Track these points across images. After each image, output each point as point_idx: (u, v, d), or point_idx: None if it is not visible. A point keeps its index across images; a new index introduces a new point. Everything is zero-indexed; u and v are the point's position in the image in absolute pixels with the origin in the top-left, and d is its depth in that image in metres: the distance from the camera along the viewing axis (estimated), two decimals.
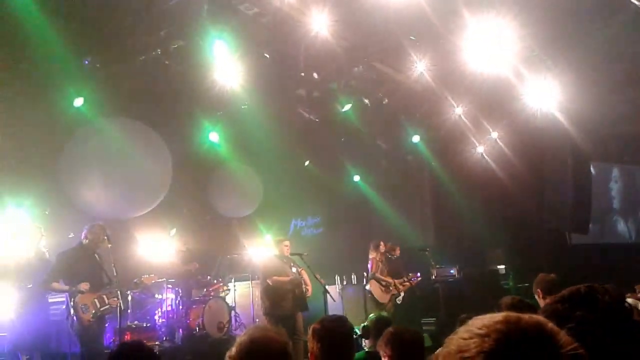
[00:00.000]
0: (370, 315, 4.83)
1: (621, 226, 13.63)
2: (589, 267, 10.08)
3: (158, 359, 2.07)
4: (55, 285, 6.34)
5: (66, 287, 6.26)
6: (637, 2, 6.72)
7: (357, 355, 3.46)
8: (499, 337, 0.86)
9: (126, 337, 7.51)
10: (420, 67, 8.68)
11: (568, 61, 8.69)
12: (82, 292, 6.15)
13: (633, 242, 13.35)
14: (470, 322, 0.93)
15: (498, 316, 0.91)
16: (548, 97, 9.20)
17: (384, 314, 4.83)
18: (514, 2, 7.04)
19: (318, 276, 7.71)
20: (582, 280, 1.69)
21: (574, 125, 10.28)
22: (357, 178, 13.00)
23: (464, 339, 0.89)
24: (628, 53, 8.87)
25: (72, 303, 6.15)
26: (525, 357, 0.84)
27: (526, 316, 0.91)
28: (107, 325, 6.83)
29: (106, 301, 6.30)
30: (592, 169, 12.51)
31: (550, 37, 8.09)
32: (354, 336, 3.24)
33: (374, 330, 4.11)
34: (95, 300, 6.23)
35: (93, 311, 6.18)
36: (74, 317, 6.13)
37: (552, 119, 9.88)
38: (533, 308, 3.24)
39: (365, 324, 4.57)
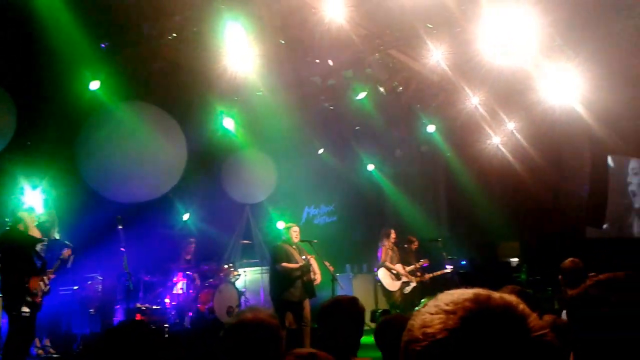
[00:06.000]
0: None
1: (639, 219, 13.37)
2: (604, 261, 9.92)
3: (159, 336, 2.08)
4: None
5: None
6: None
7: None
8: (464, 315, 0.82)
9: (136, 318, 7.61)
10: (436, 56, 8.57)
11: (589, 52, 8.52)
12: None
13: None
14: (439, 296, 0.88)
15: (468, 293, 0.86)
16: (567, 88, 9.04)
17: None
18: None
19: (327, 263, 7.72)
20: (598, 274, 1.66)
21: (592, 117, 10.10)
22: (371, 167, 12.93)
23: (430, 313, 0.85)
24: None
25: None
26: (489, 337, 0.80)
27: (497, 295, 0.86)
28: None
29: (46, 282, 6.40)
30: (610, 163, 12.31)
31: (572, 26, 7.93)
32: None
33: None
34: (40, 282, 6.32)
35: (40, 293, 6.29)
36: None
37: (571, 110, 9.72)
38: (532, 299, 3.21)
39: None
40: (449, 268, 9.44)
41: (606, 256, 10.70)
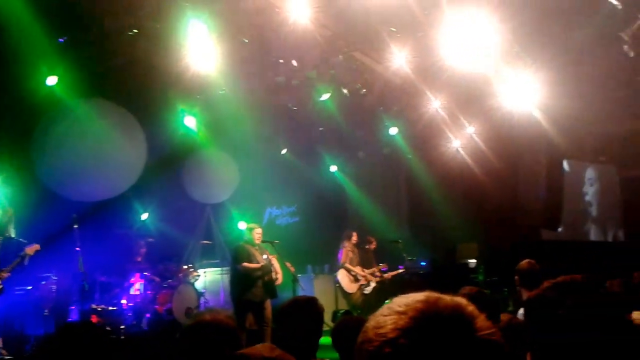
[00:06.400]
0: None
1: (595, 226, 13.77)
2: (559, 263, 10.18)
3: (109, 339, 2.04)
4: None
5: None
6: (613, 1, 6.75)
7: None
8: (415, 315, 0.87)
9: (91, 320, 7.45)
10: (399, 60, 8.66)
11: (546, 58, 8.74)
12: None
13: (604, 240, 13.55)
14: (394, 299, 0.93)
15: (420, 295, 0.91)
16: (525, 93, 9.26)
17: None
18: None
19: (288, 264, 7.72)
20: (552, 275, 1.70)
21: (549, 122, 10.38)
22: (333, 168, 12.98)
23: (384, 315, 0.90)
24: (605, 53, 8.94)
25: None
26: (438, 336, 0.84)
27: (448, 297, 0.91)
28: None
29: None
30: (566, 167, 12.67)
31: (530, 33, 8.13)
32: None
33: None
34: None
35: None
36: None
37: (529, 115, 9.96)
38: (490, 299, 3.27)
39: None
40: (401, 269, 9.63)
41: (561, 258, 11.02)
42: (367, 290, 9.53)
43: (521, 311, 4.09)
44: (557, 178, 11.89)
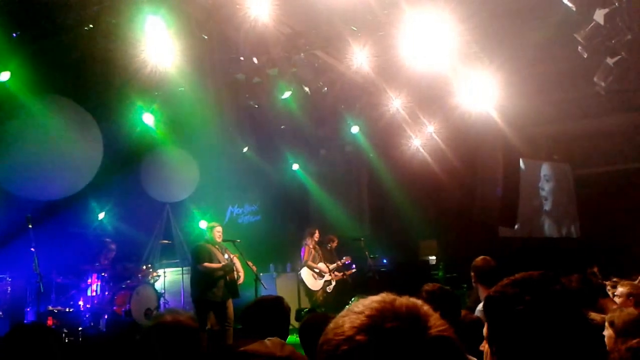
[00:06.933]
0: None
1: (551, 223, 14.13)
2: (516, 260, 10.42)
3: (57, 340, 1.99)
4: None
5: None
6: (568, 3, 6.93)
7: None
8: (371, 314, 0.91)
9: (48, 322, 7.26)
10: (360, 59, 8.70)
11: (503, 59, 8.92)
12: None
13: (558, 237, 13.91)
14: (354, 303, 0.96)
15: (377, 297, 0.95)
16: (483, 93, 9.42)
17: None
18: None
19: (250, 263, 7.68)
20: (509, 271, 1.72)
21: (506, 122, 10.60)
22: (295, 166, 12.96)
23: (342, 317, 0.94)
24: (559, 54, 9.18)
25: None
26: (393, 332, 0.88)
27: (403, 298, 0.96)
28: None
29: None
30: (522, 165, 12.97)
31: (487, 33, 8.28)
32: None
33: None
34: None
35: None
36: None
37: (486, 115, 10.14)
38: (451, 295, 3.33)
39: None
40: (354, 268, 9.90)
41: (517, 254, 11.29)
42: (329, 288, 9.59)
43: (480, 307, 4.16)
44: (514, 177, 12.17)
